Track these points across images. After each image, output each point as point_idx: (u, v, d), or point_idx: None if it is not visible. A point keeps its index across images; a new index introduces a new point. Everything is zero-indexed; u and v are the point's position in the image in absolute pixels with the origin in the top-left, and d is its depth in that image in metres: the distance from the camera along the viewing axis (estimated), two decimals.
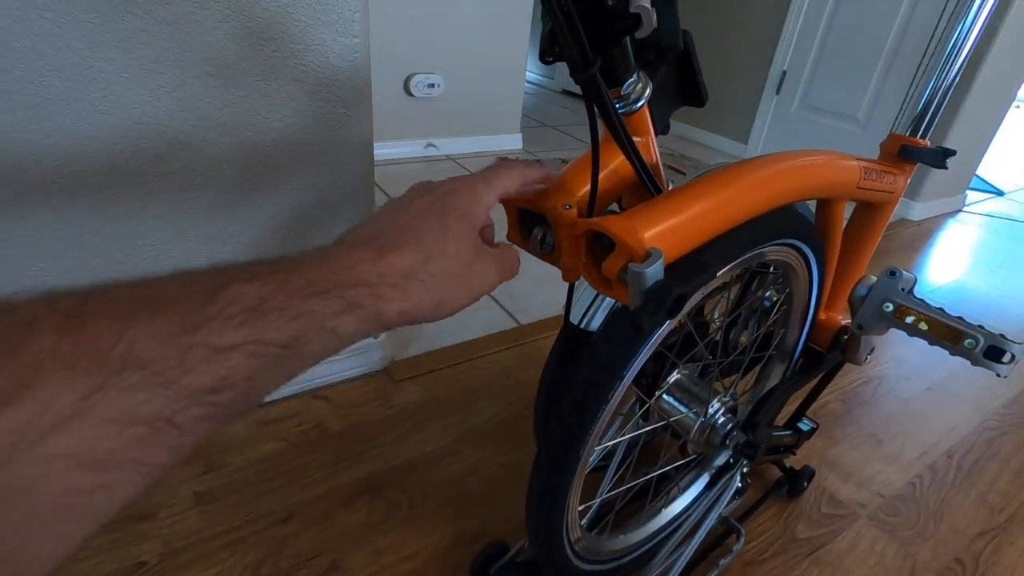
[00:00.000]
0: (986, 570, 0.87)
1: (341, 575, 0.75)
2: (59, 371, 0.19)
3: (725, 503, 0.68)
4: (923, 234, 2.25)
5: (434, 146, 2.34)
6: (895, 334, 1.18)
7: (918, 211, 2.36)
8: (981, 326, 0.53)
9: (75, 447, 0.19)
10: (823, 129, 2.57)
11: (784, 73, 2.65)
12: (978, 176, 2.83)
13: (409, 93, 2.17)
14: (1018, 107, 6.65)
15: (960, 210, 2.59)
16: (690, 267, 0.42)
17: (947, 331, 0.52)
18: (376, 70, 2.16)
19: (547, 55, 0.42)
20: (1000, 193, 2.96)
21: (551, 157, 2.51)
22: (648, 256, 0.38)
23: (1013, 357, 0.50)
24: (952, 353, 0.53)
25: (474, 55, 2.27)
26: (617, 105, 0.48)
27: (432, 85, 2.19)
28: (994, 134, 2.47)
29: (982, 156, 2.53)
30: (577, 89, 0.39)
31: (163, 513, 0.80)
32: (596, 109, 0.41)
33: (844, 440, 1.09)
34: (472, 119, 2.40)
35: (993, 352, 0.50)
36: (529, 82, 4.13)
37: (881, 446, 1.09)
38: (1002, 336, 0.51)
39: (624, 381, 0.50)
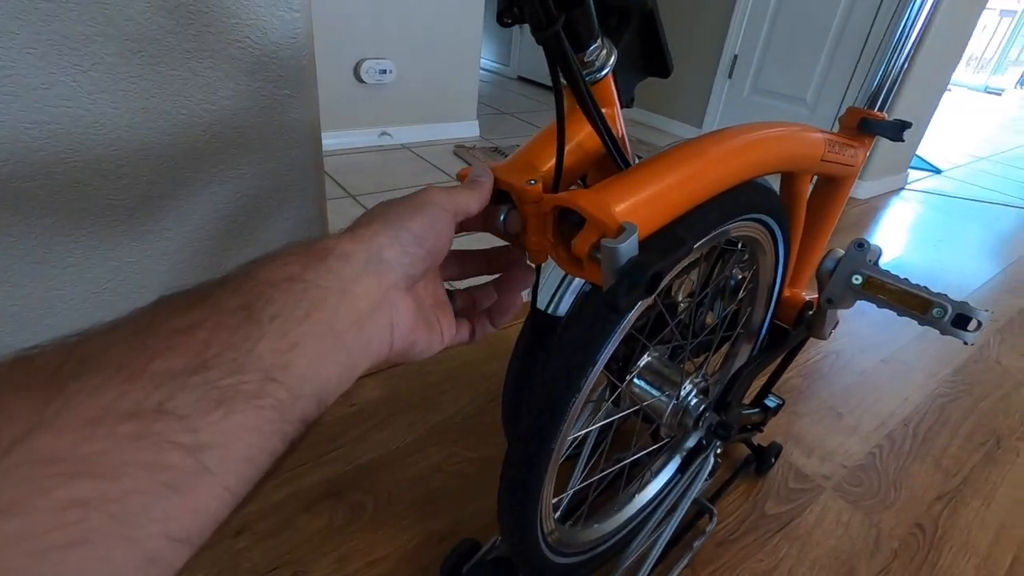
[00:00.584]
0: (944, 532, 0.90)
1: None
2: None
3: (700, 482, 0.67)
4: (870, 212, 2.33)
5: (388, 135, 2.27)
6: (851, 308, 1.20)
7: (864, 190, 2.44)
8: (946, 295, 0.53)
9: None
10: (774, 112, 2.62)
11: (736, 57, 2.68)
12: (917, 156, 2.96)
13: (360, 79, 2.09)
14: (950, 91, 7.01)
15: (902, 188, 2.70)
16: (665, 242, 0.39)
17: (916, 301, 0.52)
18: (324, 55, 2.08)
19: (505, 16, 0.39)
20: (938, 171, 3.10)
21: (508, 144, 2.47)
22: (622, 231, 0.36)
23: (980, 324, 0.50)
24: (921, 323, 0.53)
25: (427, 40, 2.20)
26: (582, 72, 0.45)
27: (384, 71, 2.12)
28: (932, 115, 2.57)
29: (922, 136, 2.64)
30: (533, 76, 0.36)
31: None
32: (560, 73, 0.37)
33: (807, 415, 1.11)
34: (427, 106, 2.34)
35: (960, 320, 0.50)
36: (485, 69, 4.06)
37: (841, 419, 1.12)
38: (968, 304, 0.51)
39: (597, 366, 0.47)
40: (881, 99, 0.72)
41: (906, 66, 0.73)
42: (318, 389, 0.23)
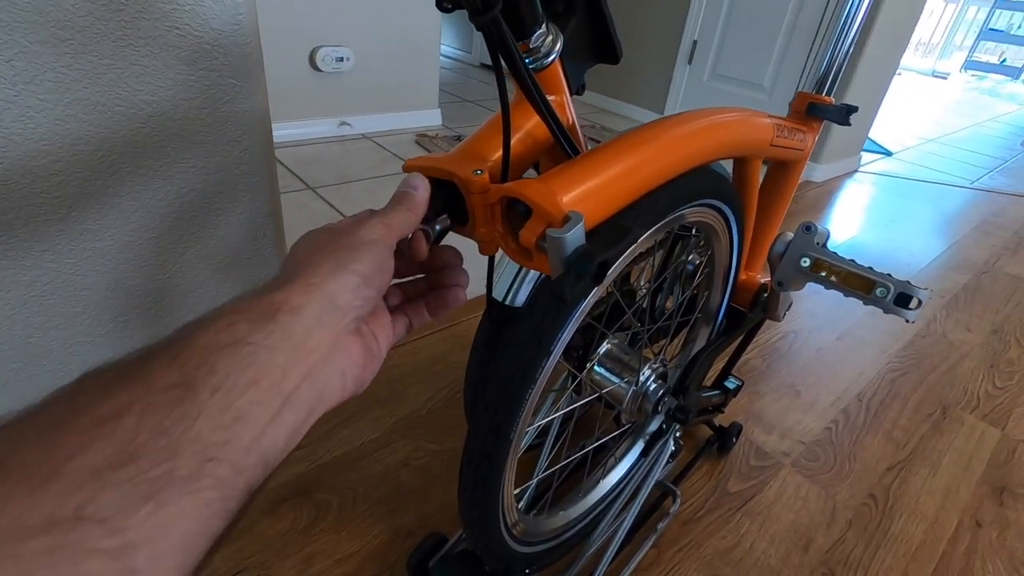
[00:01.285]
0: (895, 500, 0.93)
1: None
2: None
3: (661, 467, 0.68)
4: (825, 194, 2.40)
5: (348, 124, 2.22)
6: (807, 288, 1.23)
7: (820, 172, 2.50)
8: (889, 275, 0.55)
9: None
10: (733, 98, 2.66)
11: (695, 43, 2.71)
12: (870, 139, 3.05)
13: (316, 68, 2.03)
14: (900, 75, 7.24)
15: (856, 170, 2.78)
16: (612, 231, 0.39)
17: (861, 282, 0.53)
18: (277, 43, 2.01)
19: (445, 1, 0.38)
20: (889, 153, 3.20)
21: (472, 132, 2.44)
22: (567, 220, 0.35)
23: (920, 302, 0.52)
24: (865, 303, 0.54)
25: (385, 27, 2.15)
26: (527, 60, 0.44)
27: (341, 59, 2.06)
28: (882, 99, 2.65)
29: (873, 120, 2.72)
30: None
31: None
32: (502, 60, 0.37)
33: (767, 394, 1.14)
34: (387, 95, 2.29)
35: (902, 299, 0.52)
36: (447, 56, 4.01)
37: (799, 396, 1.15)
38: (909, 283, 0.53)
39: (552, 357, 0.47)
40: (828, 84, 0.74)
41: (851, 51, 0.74)
42: (264, 456, 0.21)
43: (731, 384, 0.92)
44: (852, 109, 0.72)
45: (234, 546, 0.73)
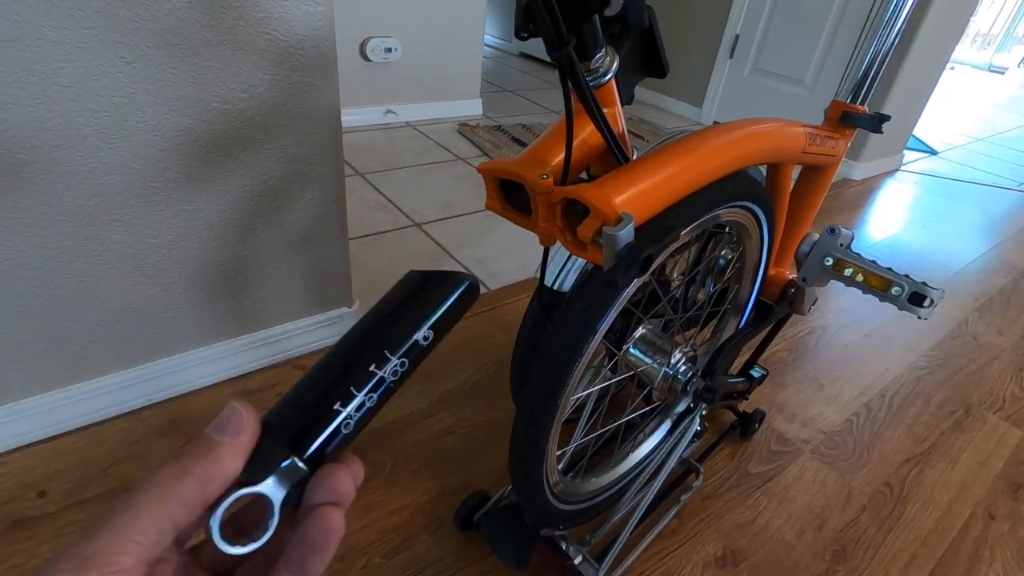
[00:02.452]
0: (911, 490, 0.98)
1: None
2: None
3: (686, 444, 0.75)
4: (864, 192, 2.39)
5: (393, 112, 2.30)
6: (836, 287, 1.27)
7: (860, 171, 2.49)
8: (907, 276, 0.60)
9: None
10: (773, 93, 2.65)
11: (737, 37, 2.70)
12: (914, 136, 2.99)
13: (366, 58, 2.12)
14: (952, 69, 6.96)
15: (898, 169, 2.75)
16: (657, 229, 0.46)
17: (878, 281, 0.59)
18: None
19: (522, 31, 0.45)
20: (934, 152, 3.14)
21: (511, 123, 2.51)
22: (620, 220, 0.42)
23: (932, 301, 0.57)
24: (881, 300, 0.59)
25: (432, 19, 2.22)
26: (587, 78, 0.51)
27: (389, 50, 2.14)
28: (929, 96, 2.61)
29: (918, 117, 2.67)
30: (536, 52, 0.42)
31: None
32: (570, 84, 0.44)
33: (791, 385, 1.19)
34: (431, 84, 2.37)
35: (915, 298, 0.57)
36: (488, 45, 4.05)
37: (823, 389, 1.20)
38: (924, 284, 0.58)
39: (597, 336, 0.54)
40: (864, 92, 0.78)
41: (889, 59, 0.78)
42: None
43: (756, 373, 0.98)
44: (884, 118, 0.76)
45: None
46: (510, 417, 0.73)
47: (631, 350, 0.72)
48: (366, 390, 0.23)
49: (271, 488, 0.22)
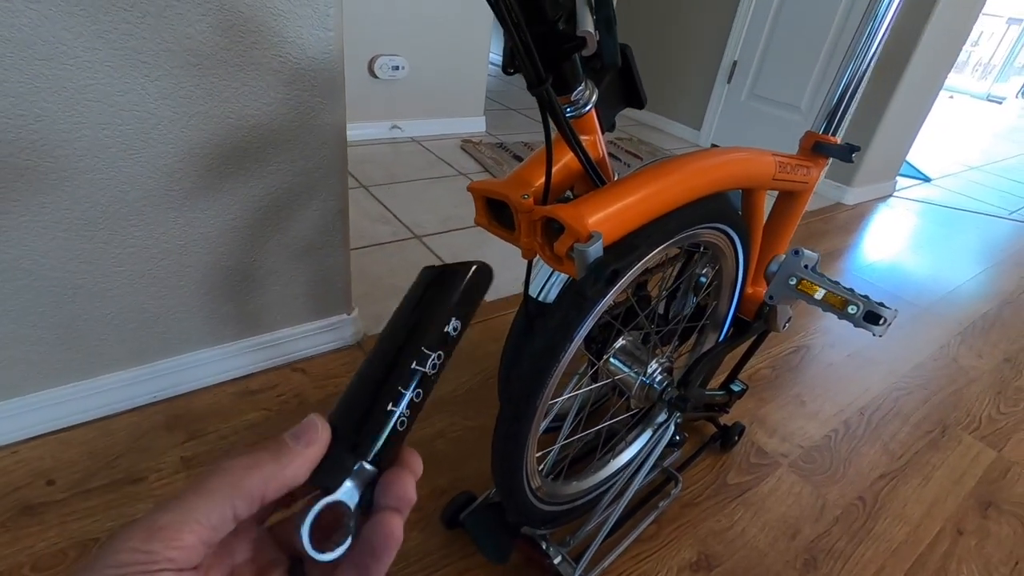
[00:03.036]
0: (883, 505, 1.02)
1: None
2: None
3: (662, 448, 0.80)
4: (856, 217, 2.44)
5: (399, 127, 2.37)
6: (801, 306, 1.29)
7: (852, 196, 2.55)
8: (866, 296, 0.65)
9: None
10: (769, 118, 2.72)
11: (735, 63, 2.78)
12: (908, 163, 3.06)
13: (374, 75, 2.20)
14: (951, 97, 7.07)
15: (890, 195, 2.81)
16: (624, 247, 0.51)
17: (836, 299, 0.63)
18: None
19: (509, 68, 0.50)
20: (927, 180, 3.20)
21: (513, 140, 2.58)
22: (591, 238, 0.47)
23: (886, 320, 0.62)
24: (840, 317, 0.64)
25: (438, 38, 2.30)
26: (568, 109, 0.56)
27: (397, 67, 2.22)
28: (922, 123, 2.67)
29: (911, 144, 2.74)
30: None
31: (152, 477, 0.86)
32: (549, 116, 0.49)
33: (772, 401, 1.23)
34: (436, 101, 2.44)
35: (870, 316, 0.62)
36: (493, 64, 4.15)
37: (804, 405, 1.24)
38: (880, 304, 0.63)
39: (574, 343, 0.59)
40: (836, 122, 0.84)
41: (858, 90, 0.83)
42: None
43: (736, 387, 1.02)
44: (855, 148, 0.81)
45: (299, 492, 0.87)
46: None
47: (611, 360, 0.77)
48: (412, 387, 0.25)
49: (347, 493, 0.23)
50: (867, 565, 0.91)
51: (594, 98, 0.57)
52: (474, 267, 0.27)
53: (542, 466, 0.77)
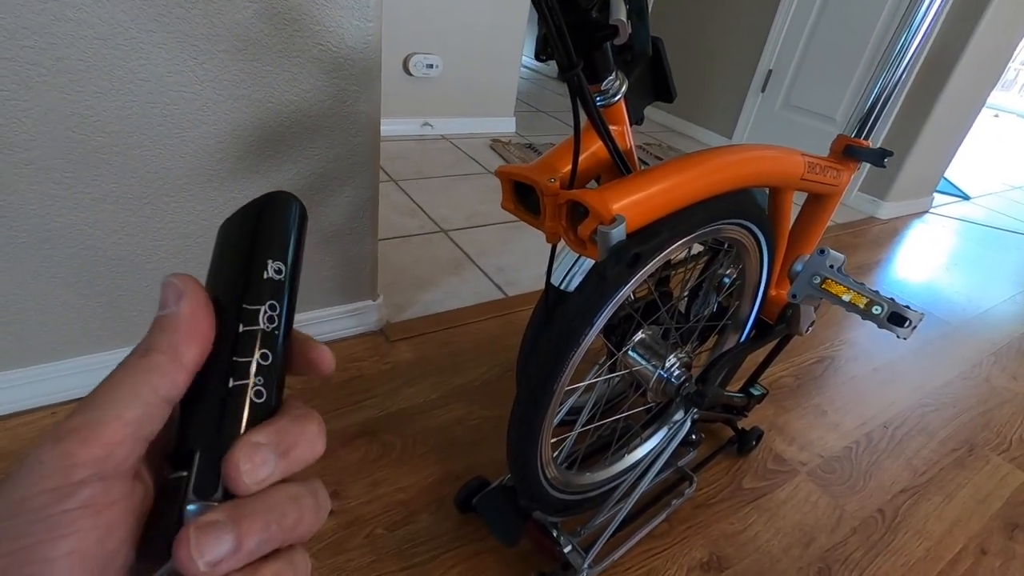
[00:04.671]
0: (903, 519, 1.00)
1: (343, 501, 0.85)
2: None
3: (676, 443, 0.80)
4: (889, 232, 2.39)
5: (430, 125, 2.41)
6: (850, 320, 1.31)
7: (886, 211, 2.49)
8: (892, 298, 0.64)
9: None
10: (802, 128, 2.68)
11: (770, 72, 2.75)
12: (946, 179, 2.98)
13: (408, 72, 2.24)
14: (996, 116, 6.85)
15: (926, 211, 2.74)
16: (647, 233, 0.52)
17: (861, 299, 0.63)
18: None
19: (541, 55, 0.52)
20: (966, 197, 3.11)
21: (542, 141, 2.59)
22: (614, 221, 0.48)
23: (911, 323, 0.61)
24: (864, 318, 0.63)
25: (473, 38, 2.33)
26: (598, 98, 0.57)
27: (431, 65, 2.26)
28: (963, 139, 2.60)
29: (950, 160, 2.67)
30: None
31: None
32: (579, 102, 0.50)
33: (793, 409, 1.22)
34: (468, 101, 2.47)
35: (895, 318, 0.61)
36: (525, 67, 4.18)
37: (825, 416, 1.22)
38: (906, 306, 0.62)
39: (593, 328, 0.60)
40: (868, 127, 0.83)
41: (893, 96, 0.83)
42: None
43: (756, 391, 1.02)
44: (887, 153, 0.81)
45: (316, 466, 0.90)
46: None
47: (630, 352, 0.77)
48: (254, 351, 0.20)
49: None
50: None
51: (623, 88, 0.58)
52: (267, 199, 0.22)
53: (557, 453, 0.77)
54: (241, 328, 0.20)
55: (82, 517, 0.15)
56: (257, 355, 0.20)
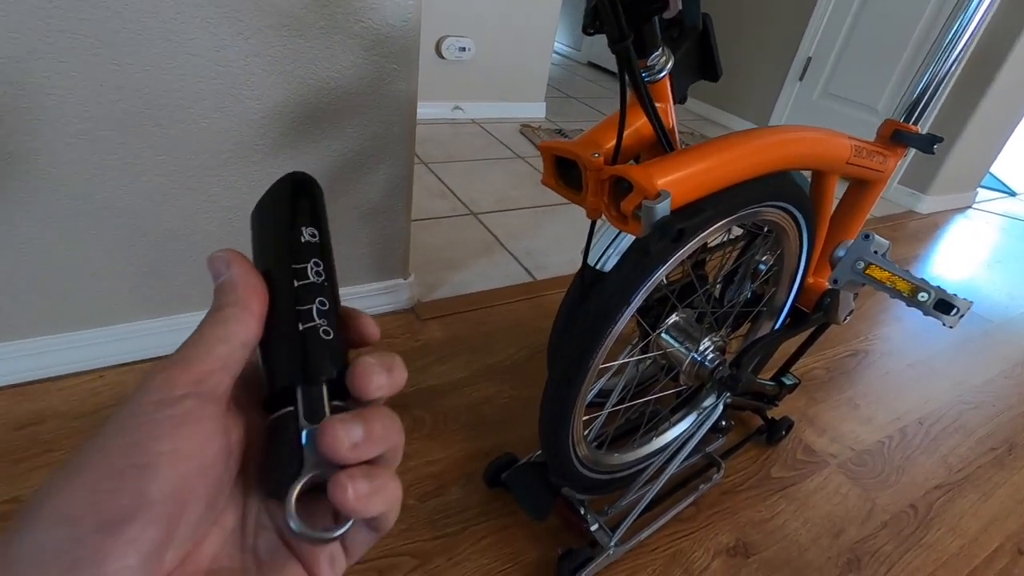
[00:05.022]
0: (937, 515, 0.98)
1: None
2: None
3: (707, 428, 0.79)
4: (929, 227, 2.32)
5: (461, 109, 2.41)
6: (885, 315, 1.27)
7: (926, 205, 2.41)
8: (939, 286, 0.63)
9: None
10: (842, 118, 2.61)
11: (809, 59, 2.68)
12: (991, 174, 2.87)
13: (440, 55, 2.24)
14: None
15: (969, 207, 2.64)
16: (692, 209, 0.51)
17: (906, 286, 0.62)
18: None
19: (589, 28, 0.51)
20: (1013, 193, 2.99)
21: (572, 127, 2.57)
22: (659, 195, 0.48)
23: (958, 310, 0.60)
24: (908, 304, 0.62)
25: (506, 22, 2.32)
26: (643, 74, 0.57)
27: (463, 49, 2.25)
28: (1011, 133, 2.50)
29: (997, 154, 2.57)
30: (602, 62, 0.48)
31: None
32: (626, 76, 0.50)
33: (824, 401, 1.20)
34: (499, 85, 2.47)
35: (942, 305, 0.60)
36: (557, 52, 4.14)
37: (858, 409, 1.20)
38: (950, 293, 0.60)
39: (631, 307, 0.60)
40: (918, 113, 0.80)
41: (946, 81, 0.80)
42: None
43: (788, 380, 1.00)
44: (937, 139, 0.78)
45: None
46: None
47: (663, 334, 0.77)
48: (313, 300, 0.23)
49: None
50: (914, 572, 0.88)
51: (670, 65, 0.57)
52: (287, 179, 0.25)
53: (587, 431, 0.78)
54: (296, 283, 0.23)
55: (182, 424, 0.17)
56: (316, 303, 0.23)
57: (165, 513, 0.16)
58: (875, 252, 0.65)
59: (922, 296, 0.60)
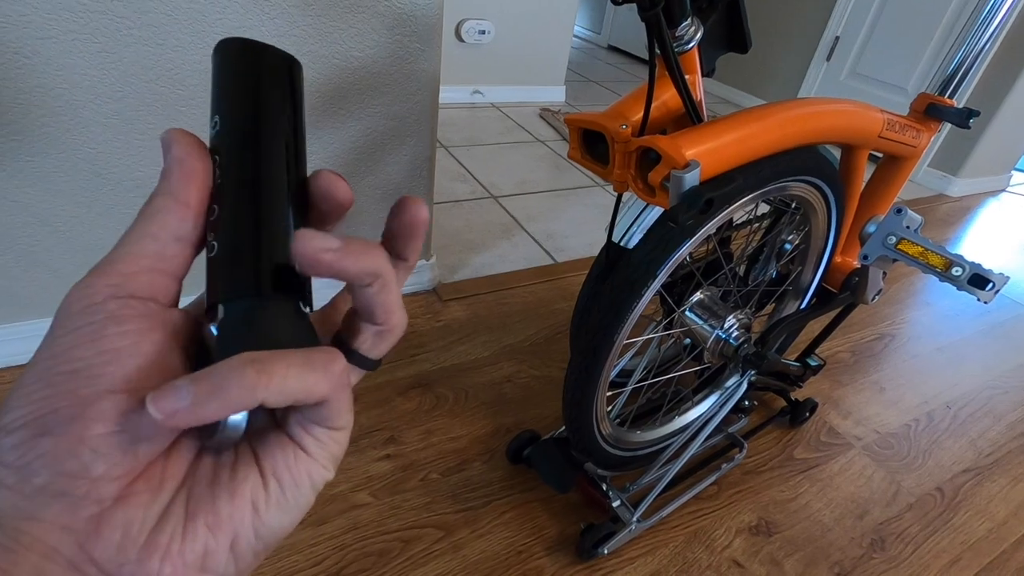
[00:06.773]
0: (964, 499, 0.97)
1: (398, 446, 0.89)
2: None
3: (729, 407, 0.79)
4: (960, 211, 2.26)
5: (480, 93, 2.40)
6: (914, 299, 1.25)
7: (958, 188, 2.35)
8: (974, 261, 0.61)
9: None
10: (869, 99, 2.54)
11: (837, 39, 2.61)
12: None
13: (460, 39, 2.23)
14: None
15: (1003, 190, 2.57)
16: (721, 180, 0.51)
17: (939, 260, 0.60)
18: None
19: None
20: None
21: (593, 111, 2.55)
22: (688, 166, 0.48)
23: (994, 285, 0.58)
24: (941, 279, 0.61)
25: (526, 5, 2.29)
26: (673, 44, 0.56)
27: (483, 32, 2.24)
28: None
29: None
30: (623, 45, 0.47)
31: None
32: (655, 45, 0.49)
33: (849, 384, 1.19)
34: (519, 68, 2.45)
35: (977, 280, 0.59)
36: (577, 36, 4.09)
37: (883, 392, 1.18)
38: (985, 267, 0.59)
39: (657, 280, 0.60)
40: (953, 86, 0.78)
41: (983, 54, 0.78)
42: None
43: (813, 362, 0.99)
44: (974, 113, 0.76)
45: (376, 411, 0.94)
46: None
47: (687, 311, 0.77)
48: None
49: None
50: (940, 555, 0.87)
51: (699, 35, 0.57)
52: (285, 58, 0.21)
53: (611, 408, 0.78)
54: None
55: (109, 324, 0.17)
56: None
57: (111, 411, 0.16)
58: (907, 227, 0.63)
59: (956, 271, 0.59)
